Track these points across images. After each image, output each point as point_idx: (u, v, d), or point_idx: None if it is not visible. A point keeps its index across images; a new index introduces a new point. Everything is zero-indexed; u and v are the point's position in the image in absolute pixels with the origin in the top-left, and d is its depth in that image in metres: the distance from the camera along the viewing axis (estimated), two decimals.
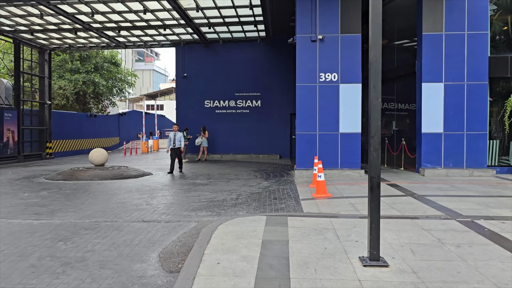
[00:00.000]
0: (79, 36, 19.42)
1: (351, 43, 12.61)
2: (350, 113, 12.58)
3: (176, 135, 14.34)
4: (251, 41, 20.55)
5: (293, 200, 8.66)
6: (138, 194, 9.65)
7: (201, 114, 20.97)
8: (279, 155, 20.64)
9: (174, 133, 14.37)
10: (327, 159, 12.49)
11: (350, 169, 12.46)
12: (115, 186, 11.03)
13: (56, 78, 27.44)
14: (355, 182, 11.16)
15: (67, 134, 24.57)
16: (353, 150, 12.59)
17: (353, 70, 12.60)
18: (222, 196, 9.31)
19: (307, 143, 12.72)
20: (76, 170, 13.13)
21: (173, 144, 14.25)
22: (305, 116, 12.71)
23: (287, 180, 12.20)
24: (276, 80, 20.67)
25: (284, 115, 20.78)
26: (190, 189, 10.45)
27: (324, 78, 12.65)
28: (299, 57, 12.75)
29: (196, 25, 17.68)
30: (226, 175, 13.50)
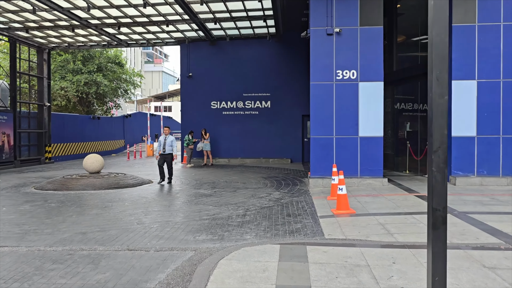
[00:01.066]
0: (78, 33, 18.32)
1: (371, 37, 11.28)
2: (371, 115, 11.25)
3: (167, 139, 12.36)
4: (260, 38, 19.29)
5: (310, 217, 7.37)
6: (131, 209, 8.43)
7: (207, 116, 19.75)
8: (290, 159, 19.34)
9: (164, 137, 12.43)
10: (345, 166, 11.16)
11: (372, 178, 11.12)
12: (107, 198, 9.82)
13: (58, 79, 26.43)
14: (379, 193, 9.83)
15: (68, 137, 23.53)
16: (374, 156, 11.26)
17: (374, 67, 11.27)
18: (227, 211, 8.05)
19: (323, 148, 11.41)
20: (69, 178, 11.97)
21: (163, 149, 12.31)
22: (320, 118, 11.41)
23: (300, 189, 10.90)
24: (287, 80, 19.38)
25: (295, 117, 19.47)
26: (191, 202, 9.20)
27: (342, 75, 11.34)
28: (313, 53, 11.45)
29: (201, 21, 16.45)
30: (233, 183, 12.24)
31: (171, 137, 12.45)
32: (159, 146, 12.45)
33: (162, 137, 12.47)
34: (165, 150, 12.28)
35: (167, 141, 12.31)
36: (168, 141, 12.31)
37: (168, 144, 12.30)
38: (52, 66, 26.54)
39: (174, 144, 12.39)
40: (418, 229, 6.13)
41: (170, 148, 12.32)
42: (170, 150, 12.32)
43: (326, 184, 11.05)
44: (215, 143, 19.56)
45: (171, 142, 12.35)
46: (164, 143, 12.29)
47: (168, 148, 12.29)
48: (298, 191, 10.58)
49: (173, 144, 12.35)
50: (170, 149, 12.31)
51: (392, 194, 9.52)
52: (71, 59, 26.90)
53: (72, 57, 27.10)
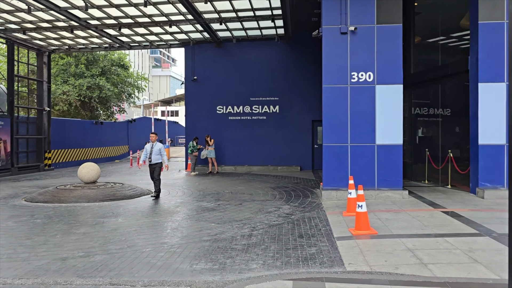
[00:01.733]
0: (78, 35, 17.57)
1: (390, 35, 10.34)
2: (389, 121, 10.29)
3: (154, 147, 10.91)
4: (268, 39, 18.41)
5: (325, 238, 6.42)
6: (124, 226, 7.54)
7: (212, 121, 18.87)
8: (300, 166, 18.39)
9: (151, 145, 11.00)
10: (361, 176, 10.20)
11: (390, 189, 10.14)
12: (100, 213, 8.94)
13: (60, 83, 25.75)
14: (400, 207, 8.85)
15: (69, 143, 22.78)
16: (393, 165, 10.28)
17: (393, 68, 10.32)
18: (231, 230, 7.13)
19: (336, 156, 10.47)
20: (62, 189, 11.12)
21: (149, 159, 10.94)
22: (334, 124, 10.48)
23: (312, 202, 9.95)
24: (296, 83, 18.46)
25: (305, 122, 18.54)
26: (192, 217, 8.30)
27: (357, 78, 10.40)
28: (326, 53, 10.53)
29: (206, 21, 15.61)
30: (239, 195, 11.32)
31: (159, 144, 11.08)
32: (144, 155, 11.11)
33: (149, 145, 11.07)
34: (152, 159, 10.91)
35: (154, 149, 10.92)
36: (156, 149, 10.93)
37: (155, 153, 10.93)
38: (54, 70, 25.90)
39: (162, 152, 11.04)
40: (456, 258, 5.17)
41: (157, 157, 10.97)
42: (157, 159, 10.97)
43: (340, 196, 10.09)
44: (221, 149, 18.68)
45: (159, 150, 10.97)
46: (150, 152, 10.93)
47: (155, 157, 10.92)
48: (310, 205, 9.63)
49: (161, 152, 11.01)
50: (157, 158, 10.96)
51: (415, 210, 8.54)
52: (73, 62, 26.21)
53: (75, 60, 26.42)
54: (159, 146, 11.02)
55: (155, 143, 11.02)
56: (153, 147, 10.94)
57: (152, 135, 11.22)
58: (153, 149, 10.90)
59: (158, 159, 10.97)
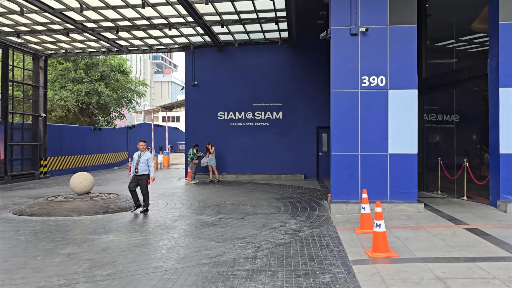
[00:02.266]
0: (74, 39, 16.96)
1: (403, 37, 9.64)
2: (403, 128, 9.58)
3: (141, 157, 9.89)
4: (272, 43, 17.75)
5: (339, 262, 5.69)
6: (115, 245, 6.81)
7: (213, 128, 18.18)
8: (304, 175, 17.67)
9: (139, 154, 9.98)
10: (372, 188, 9.47)
11: (404, 202, 9.40)
12: (91, 228, 8.22)
13: (58, 89, 25.12)
14: (417, 223, 8.10)
15: (66, 150, 22.12)
16: (407, 176, 9.55)
17: (406, 72, 9.62)
18: (233, 250, 6.40)
19: (346, 167, 9.75)
20: (53, 200, 10.42)
21: (136, 169, 9.90)
22: (343, 132, 9.77)
23: (320, 216, 9.22)
24: (300, 89, 17.78)
25: (309, 129, 17.84)
26: (190, 235, 7.57)
27: (368, 82, 9.70)
28: (334, 56, 9.85)
29: (207, 24, 14.96)
30: (241, 207, 10.60)
31: (147, 153, 10.03)
32: (132, 165, 10.09)
33: (137, 154, 10.03)
34: (138, 170, 9.83)
35: (141, 159, 9.88)
36: (143, 159, 9.89)
37: (143, 163, 9.86)
38: (52, 75, 25.30)
39: (150, 162, 9.98)
40: None
41: (145, 168, 9.88)
42: (145, 170, 9.87)
43: (350, 210, 9.36)
44: (222, 157, 17.97)
45: (147, 160, 9.92)
46: (137, 162, 9.90)
47: (142, 168, 9.84)
48: (318, 219, 8.90)
49: (149, 163, 9.94)
50: (145, 169, 9.87)
51: (434, 226, 7.80)
52: (72, 68, 25.60)
53: (73, 65, 25.81)
54: (148, 155, 10.02)
55: (143, 152, 10.01)
56: (140, 156, 9.93)
57: (140, 143, 10.14)
58: (141, 158, 9.89)
59: (146, 170, 9.92)
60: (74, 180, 10.76)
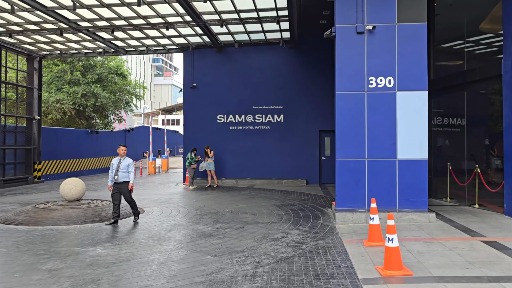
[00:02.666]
0: (69, 39, 16.43)
1: (412, 35, 9.10)
2: (413, 132, 9.02)
3: (121, 163, 9.05)
4: (273, 44, 17.21)
5: (348, 281, 5.12)
6: (101, 260, 6.23)
7: (212, 131, 17.62)
8: (306, 180, 17.08)
9: (118, 159, 9.12)
10: (380, 196, 8.92)
11: (414, 211, 8.82)
12: (78, 239, 7.65)
13: (54, 91, 24.59)
14: (430, 235, 7.52)
15: (61, 154, 21.55)
16: (417, 183, 8.99)
17: (416, 73, 9.07)
18: (231, 266, 5.83)
19: (352, 173, 9.18)
20: (41, 208, 9.84)
21: (115, 176, 9.05)
22: (349, 136, 9.21)
23: (324, 226, 8.64)
24: (302, 91, 17.22)
25: (311, 133, 17.26)
26: (184, 247, 7.00)
27: (376, 83, 9.15)
28: (340, 56, 9.30)
29: (206, 23, 14.42)
30: (240, 215, 10.03)
31: (128, 159, 9.13)
32: (112, 172, 9.13)
33: (116, 159, 9.14)
34: (118, 177, 8.99)
35: (121, 164, 9.03)
36: (123, 165, 9.03)
37: (123, 169, 9.02)
38: (48, 77, 24.79)
39: (131, 169, 9.11)
40: None
41: (125, 174, 9.02)
42: (125, 177, 9.02)
43: (357, 219, 8.77)
44: (222, 161, 17.41)
45: (127, 166, 9.07)
46: (117, 168, 9.04)
47: (122, 175, 9.00)
48: (322, 229, 8.32)
49: (129, 169, 9.07)
50: (125, 176, 9.02)
51: (449, 238, 7.21)
52: (68, 69, 25.07)
53: (70, 67, 25.29)
54: (128, 161, 9.15)
55: (123, 158, 9.15)
56: (120, 162, 9.08)
57: (120, 148, 9.20)
58: (121, 164, 9.04)
59: (126, 177, 9.09)
60: (64, 186, 10.18)
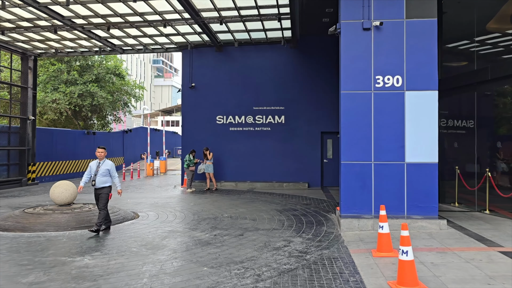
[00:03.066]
0: (64, 37, 15.94)
1: (422, 32, 8.61)
2: (422, 134, 8.53)
3: (100, 166, 8.21)
4: (274, 43, 16.74)
5: None
6: (88, 272, 5.74)
7: (211, 132, 17.13)
8: (308, 183, 16.58)
9: (97, 163, 8.28)
10: (387, 201, 8.44)
11: (424, 218, 8.32)
12: (66, 247, 7.15)
13: (50, 91, 24.10)
14: (442, 244, 7.02)
15: (57, 155, 21.07)
16: (426, 188, 8.50)
17: (426, 71, 8.58)
18: (229, 279, 5.33)
19: (357, 177, 8.69)
20: (30, 213, 9.33)
21: (93, 181, 8.14)
22: (354, 138, 8.72)
23: (329, 233, 8.15)
24: (304, 91, 16.73)
25: (313, 134, 16.77)
26: (179, 257, 6.50)
27: (383, 82, 8.66)
28: (345, 53, 8.81)
29: (204, 21, 13.95)
30: (240, 220, 9.53)
31: (107, 162, 8.29)
32: (88, 176, 8.26)
33: (95, 162, 8.32)
34: (96, 182, 8.11)
35: (100, 168, 8.18)
36: (102, 169, 8.16)
37: (102, 173, 8.15)
38: (44, 77, 24.31)
39: (113, 173, 8.23)
40: None
41: (105, 179, 8.16)
42: (105, 182, 8.15)
43: (363, 226, 8.27)
44: (221, 164, 16.92)
45: (107, 170, 8.19)
46: (96, 172, 8.19)
47: (101, 180, 8.12)
48: (327, 237, 7.83)
49: (111, 173, 8.21)
50: (105, 181, 8.15)
51: (464, 249, 6.72)
52: (65, 69, 24.58)
53: (66, 66, 24.80)
54: (108, 164, 8.27)
55: (103, 161, 8.30)
56: (99, 165, 8.22)
57: (98, 150, 8.36)
58: (100, 168, 8.17)
59: (106, 182, 8.18)
60: (54, 190, 9.68)
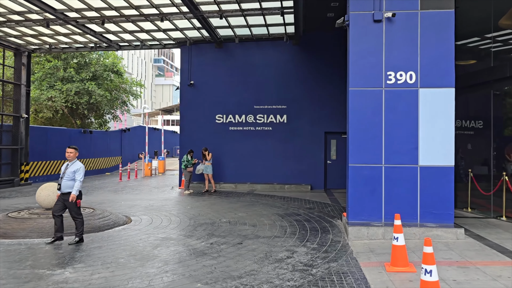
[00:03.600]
0: (58, 32, 15.30)
1: (438, 24, 7.96)
2: (437, 135, 7.89)
3: (68, 168, 7.33)
4: (276, 39, 16.07)
5: None
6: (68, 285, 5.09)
7: (211, 132, 16.47)
8: (310, 185, 15.91)
9: (66, 165, 7.45)
10: (399, 207, 7.80)
11: (439, 226, 7.66)
12: (46, 258, 6.50)
13: (46, 88, 23.47)
14: (463, 257, 6.35)
15: (52, 154, 20.42)
16: (442, 194, 7.86)
17: (442, 67, 7.94)
18: None
19: (366, 181, 8.03)
20: (13, 217, 8.68)
21: (58, 185, 7.33)
22: (363, 139, 8.07)
23: (336, 242, 7.48)
24: (307, 90, 16.06)
25: (317, 134, 16.09)
26: (170, 270, 5.84)
27: (395, 79, 8.01)
28: (354, 47, 8.16)
29: (203, 15, 13.29)
30: (239, 226, 8.88)
31: (77, 164, 7.36)
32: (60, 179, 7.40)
33: (65, 164, 7.49)
34: (61, 186, 7.26)
35: (67, 171, 7.29)
36: (69, 172, 7.27)
37: (68, 177, 7.26)
38: (40, 74, 23.67)
39: (78, 176, 7.25)
40: None
41: (71, 183, 7.24)
42: (70, 187, 7.23)
43: (373, 235, 7.61)
44: (220, 164, 16.26)
45: (73, 173, 7.25)
46: (64, 174, 7.31)
47: (66, 184, 7.24)
48: (333, 246, 7.17)
49: (76, 177, 7.25)
50: (70, 186, 7.23)
51: (488, 263, 6.05)
52: (61, 66, 23.94)
53: (63, 63, 24.16)
54: (76, 166, 7.34)
55: (72, 162, 7.40)
56: (67, 167, 7.33)
57: (67, 150, 7.44)
58: (67, 170, 7.29)
59: (71, 186, 7.26)
60: (40, 193, 9.03)
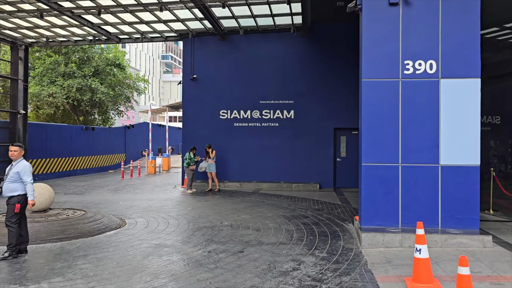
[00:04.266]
0: (54, 24, 14.64)
1: (461, 8, 7.14)
2: (461, 131, 7.07)
3: (12, 168, 6.42)
4: (282, 31, 15.28)
5: None
6: None
7: (214, 128, 15.75)
8: (319, 184, 15.14)
9: (10, 165, 6.53)
10: (417, 211, 7.04)
11: (463, 233, 6.86)
12: (23, 270, 5.81)
13: (46, 84, 22.89)
14: (493, 270, 5.56)
15: (52, 152, 19.84)
16: (466, 196, 7.05)
17: (467, 55, 7.12)
18: None
19: (381, 182, 7.26)
20: None
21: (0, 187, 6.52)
22: (378, 135, 7.28)
23: (347, 250, 6.72)
24: (315, 84, 15.27)
25: (325, 131, 15.31)
26: (161, 286, 5.13)
27: (413, 68, 7.21)
28: (366, 34, 7.37)
29: (205, 4, 12.54)
30: (241, 230, 8.15)
31: (21, 164, 6.43)
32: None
33: (10, 165, 6.54)
34: (2, 189, 6.39)
35: (11, 171, 6.39)
36: (13, 173, 6.37)
37: (11, 178, 6.36)
38: (40, 69, 23.10)
39: (25, 177, 6.34)
40: None
41: (14, 186, 6.32)
42: (14, 189, 6.33)
43: (389, 242, 6.83)
44: (224, 162, 15.55)
45: (17, 174, 6.33)
46: (6, 176, 6.43)
47: (8, 186, 6.34)
48: (345, 255, 6.41)
49: (23, 178, 6.34)
50: (14, 188, 6.32)
51: None
52: (62, 61, 23.34)
53: (64, 58, 23.56)
54: (20, 167, 6.40)
55: (17, 162, 6.47)
56: (11, 168, 6.45)
57: (11, 149, 6.51)
58: (11, 171, 6.40)
59: (15, 189, 6.34)
60: None
